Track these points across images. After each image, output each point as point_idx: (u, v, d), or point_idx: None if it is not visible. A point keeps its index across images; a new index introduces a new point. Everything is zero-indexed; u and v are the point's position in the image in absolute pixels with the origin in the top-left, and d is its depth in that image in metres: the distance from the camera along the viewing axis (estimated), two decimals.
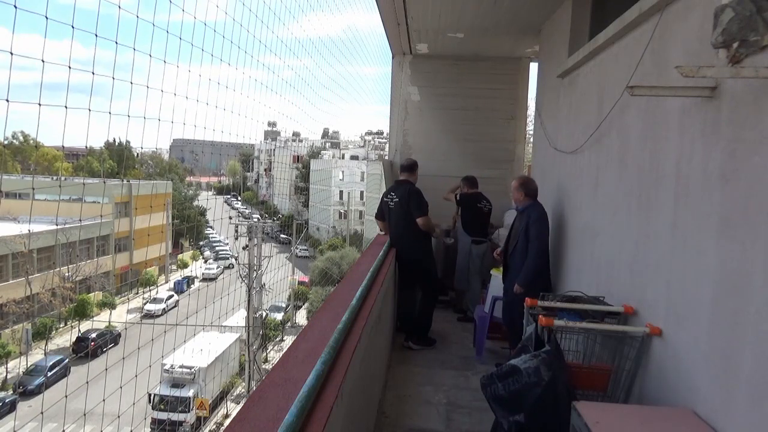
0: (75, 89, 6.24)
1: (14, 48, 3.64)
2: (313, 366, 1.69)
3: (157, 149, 61.14)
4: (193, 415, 19.18)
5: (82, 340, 24.53)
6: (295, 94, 11.40)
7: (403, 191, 5.15)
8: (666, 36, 2.75)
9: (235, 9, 28.38)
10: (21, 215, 24.61)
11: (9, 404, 19.64)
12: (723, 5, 1.90)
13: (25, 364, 23.55)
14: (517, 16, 5.57)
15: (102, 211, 30.19)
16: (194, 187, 58.27)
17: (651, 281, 2.71)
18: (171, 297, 32.20)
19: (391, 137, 8.01)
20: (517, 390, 2.49)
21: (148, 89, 5.43)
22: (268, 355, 23.05)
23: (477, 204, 6.04)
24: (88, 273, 29.54)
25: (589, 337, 2.85)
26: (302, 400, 1.45)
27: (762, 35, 1.81)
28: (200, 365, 19.58)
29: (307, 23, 10.57)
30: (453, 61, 7.32)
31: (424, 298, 5.24)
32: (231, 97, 8.39)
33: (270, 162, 67.80)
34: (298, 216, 52.29)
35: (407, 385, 4.19)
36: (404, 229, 5.11)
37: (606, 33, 3.58)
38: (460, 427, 3.56)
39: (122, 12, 4.66)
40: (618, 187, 3.31)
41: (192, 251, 46.33)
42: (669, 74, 2.60)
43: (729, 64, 1.94)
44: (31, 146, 48.07)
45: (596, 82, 3.95)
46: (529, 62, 7.29)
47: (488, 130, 7.35)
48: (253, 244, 18.28)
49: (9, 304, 25.15)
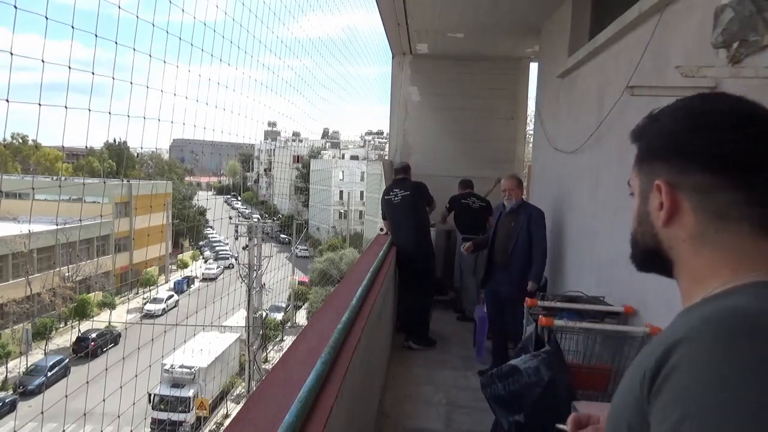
0: (75, 89, 6.25)
1: (14, 48, 3.64)
2: (313, 366, 1.69)
3: (157, 149, 61.15)
4: (193, 415, 19.17)
5: (82, 340, 24.50)
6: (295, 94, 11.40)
7: (409, 185, 5.28)
8: (666, 36, 2.75)
9: (234, 9, 28.36)
10: (21, 215, 24.59)
11: (9, 404, 19.64)
12: (723, 5, 1.90)
13: (25, 364, 23.54)
14: (517, 16, 5.58)
15: (102, 211, 30.16)
16: (192, 186, 58.27)
17: (651, 281, 2.71)
18: (171, 297, 32.16)
19: (391, 137, 8.02)
20: (517, 390, 2.49)
21: (148, 89, 5.44)
22: (268, 355, 23.04)
23: (462, 201, 6.13)
24: (88, 273, 29.53)
25: (589, 337, 2.85)
26: (302, 400, 1.45)
27: (762, 35, 1.81)
28: (200, 365, 19.57)
29: (307, 23, 10.58)
30: (453, 61, 7.32)
31: (423, 297, 5.25)
32: (231, 97, 8.40)
33: (270, 162, 67.79)
34: (298, 216, 52.25)
35: (407, 385, 4.19)
36: (411, 221, 5.19)
37: (606, 33, 3.58)
38: (460, 427, 3.56)
39: (122, 12, 4.67)
40: (618, 187, 3.31)
41: (192, 251, 46.32)
42: (669, 74, 2.60)
43: (729, 64, 1.94)
44: (31, 146, 48.07)
45: (596, 82, 3.95)
46: (529, 62, 7.29)
47: (488, 130, 7.35)
48: (253, 244, 18.27)
49: (9, 304, 25.15)
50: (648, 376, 0.62)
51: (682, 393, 0.57)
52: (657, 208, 0.75)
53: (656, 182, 0.75)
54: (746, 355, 0.56)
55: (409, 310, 5.27)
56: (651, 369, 0.62)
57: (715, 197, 0.70)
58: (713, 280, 0.70)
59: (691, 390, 0.56)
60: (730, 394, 0.53)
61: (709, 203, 0.70)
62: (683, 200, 0.73)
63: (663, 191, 0.74)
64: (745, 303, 0.62)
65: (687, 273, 0.75)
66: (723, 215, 0.70)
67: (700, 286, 0.71)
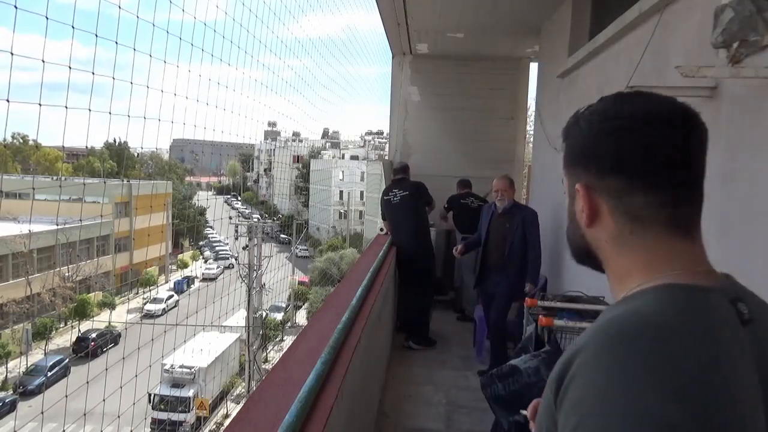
0: (75, 89, 6.25)
1: (15, 48, 3.65)
2: (313, 366, 1.69)
3: (157, 149, 61.14)
4: (193, 415, 19.17)
5: (82, 340, 24.50)
6: (295, 94, 11.40)
7: (409, 185, 5.29)
8: (666, 36, 2.75)
9: (235, 9, 28.36)
10: (21, 215, 24.59)
11: (9, 404, 19.64)
12: (723, 5, 1.89)
13: (25, 364, 23.54)
14: (517, 16, 5.57)
15: (102, 211, 30.16)
16: (192, 186, 58.24)
17: None
18: (171, 297, 32.15)
19: (391, 137, 8.02)
20: (517, 390, 2.49)
21: (148, 89, 5.44)
22: (268, 355, 23.03)
23: (461, 201, 6.15)
24: (88, 273, 29.52)
25: None
26: (302, 400, 1.45)
27: (762, 35, 1.81)
28: (200, 365, 19.57)
29: (307, 23, 10.58)
30: (453, 61, 7.32)
31: (423, 297, 5.25)
32: (231, 97, 8.40)
33: (270, 162, 67.78)
34: (298, 216, 52.24)
35: (407, 385, 4.19)
36: (410, 221, 5.19)
37: (606, 33, 3.58)
38: (460, 427, 3.56)
39: (122, 12, 4.67)
40: None
41: (192, 251, 46.32)
42: (669, 74, 2.60)
43: (729, 64, 1.94)
44: (32, 146, 48.08)
45: (596, 82, 3.95)
46: (529, 62, 7.29)
47: (488, 130, 7.35)
48: (253, 244, 18.26)
49: (9, 304, 25.14)
50: (555, 383, 0.64)
51: (578, 401, 0.59)
52: (581, 210, 0.77)
53: (576, 186, 0.76)
54: (629, 364, 0.57)
55: (409, 310, 5.27)
56: (557, 376, 0.64)
57: (628, 200, 0.71)
58: (631, 281, 0.71)
59: (583, 398, 0.58)
60: (611, 402, 0.55)
61: (623, 206, 0.72)
62: (601, 203, 0.74)
63: (582, 195, 0.75)
64: (644, 308, 0.63)
65: (611, 272, 0.76)
66: (637, 217, 0.71)
67: (622, 286, 0.73)
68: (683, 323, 0.60)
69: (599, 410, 0.56)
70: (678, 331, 0.59)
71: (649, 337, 0.59)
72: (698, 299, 0.65)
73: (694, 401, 0.54)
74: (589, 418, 0.56)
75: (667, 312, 0.62)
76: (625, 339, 0.59)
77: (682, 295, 0.65)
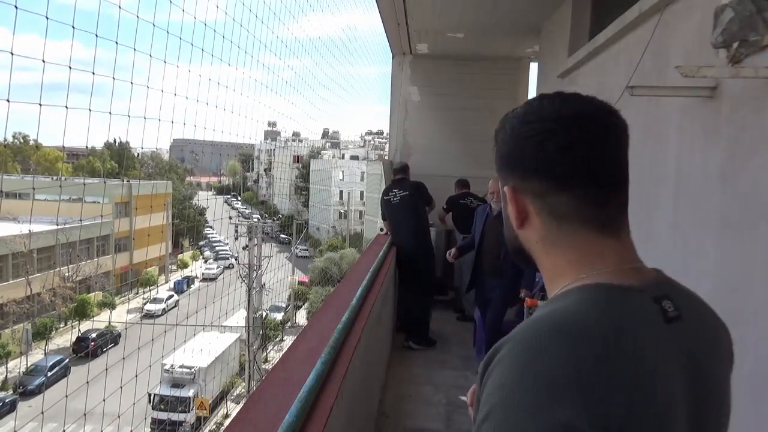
0: (75, 89, 6.25)
1: (15, 48, 3.65)
2: (313, 366, 1.69)
3: (158, 149, 61.14)
4: (193, 415, 19.18)
5: (82, 340, 24.51)
6: (295, 94, 11.41)
7: (409, 185, 5.29)
8: (666, 36, 2.75)
9: (235, 9, 28.37)
10: (21, 215, 24.59)
11: (9, 404, 19.64)
12: (723, 5, 1.89)
13: (25, 364, 23.54)
14: (517, 16, 5.57)
15: (102, 211, 30.16)
16: (192, 186, 58.24)
17: None
18: (171, 297, 32.16)
19: (391, 137, 8.02)
20: None
21: (148, 89, 5.44)
22: (268, 355, 23.04)
23: (460, 201, 6.15)
24: (88, 273, 29.53)
25: None
26: (302, 400, 1.45)
27: (762, 35, 1.81)
28: (200, 365, 19.57)
29: (307, 23, 10.58)
30: (453, 61, 7.32)
31: (423, 297, 5.25)
32: (231, 97, 8.40)
33: (270, 162, 67.79)
34: (298, 216, 52.25)
35: (407, 385, 4.19)
36: (410, 221, 5.19)
37: (606, 33, 3.58)
38: (460, 427, 3.56)
39: (122, 12, 4.67)
40: None
41: (192, 251, 46.32)
42: (669, 74, 2.60)
43: (729, 64, 1.94)
44: (32, 146, 48.08)
45: (596, 82, 3.95)
46: (529, 62, 7.29)
47: (488, 130, 7.23)
48: (253, 244, 18.27)
49: (9, 304, 25.14)
50: (482, 369, 0.66)
51: (491, 392, 0.61)
52: (511, 212, 0.78)
53: (504, 188, 0.78)
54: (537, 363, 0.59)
55: (409, 310, 5.27)
56: (484, 363, 0.66)
57: (552, 200, 0.72)
58: (561, 280, 0.73)
59: (495, 390, 0.60)
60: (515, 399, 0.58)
61: (548, 206, 0.73)
62: (528, 205, 0.75)
63: (510, 197, 0.77)
64: (564, 309, 0.65)
65: (545, 272, 0.78)
66: (561, 217, 0.72)
67: (554, 284, 0.74)
68: (597, 323, 0.62)
69: (505, 403, 0.58)
70: (590, 333, 0.61)
71: (561, 338, 0.60)
72: (619, 299, 0.65)
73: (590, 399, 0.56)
74: (499, 410, 0.58)
75: (583, 312, 0.63)
76: (539, 339, 0.61)
77: (602, 295, 0.66)
